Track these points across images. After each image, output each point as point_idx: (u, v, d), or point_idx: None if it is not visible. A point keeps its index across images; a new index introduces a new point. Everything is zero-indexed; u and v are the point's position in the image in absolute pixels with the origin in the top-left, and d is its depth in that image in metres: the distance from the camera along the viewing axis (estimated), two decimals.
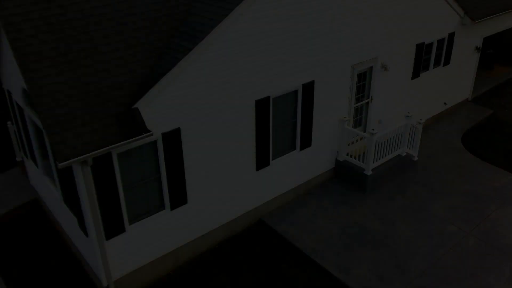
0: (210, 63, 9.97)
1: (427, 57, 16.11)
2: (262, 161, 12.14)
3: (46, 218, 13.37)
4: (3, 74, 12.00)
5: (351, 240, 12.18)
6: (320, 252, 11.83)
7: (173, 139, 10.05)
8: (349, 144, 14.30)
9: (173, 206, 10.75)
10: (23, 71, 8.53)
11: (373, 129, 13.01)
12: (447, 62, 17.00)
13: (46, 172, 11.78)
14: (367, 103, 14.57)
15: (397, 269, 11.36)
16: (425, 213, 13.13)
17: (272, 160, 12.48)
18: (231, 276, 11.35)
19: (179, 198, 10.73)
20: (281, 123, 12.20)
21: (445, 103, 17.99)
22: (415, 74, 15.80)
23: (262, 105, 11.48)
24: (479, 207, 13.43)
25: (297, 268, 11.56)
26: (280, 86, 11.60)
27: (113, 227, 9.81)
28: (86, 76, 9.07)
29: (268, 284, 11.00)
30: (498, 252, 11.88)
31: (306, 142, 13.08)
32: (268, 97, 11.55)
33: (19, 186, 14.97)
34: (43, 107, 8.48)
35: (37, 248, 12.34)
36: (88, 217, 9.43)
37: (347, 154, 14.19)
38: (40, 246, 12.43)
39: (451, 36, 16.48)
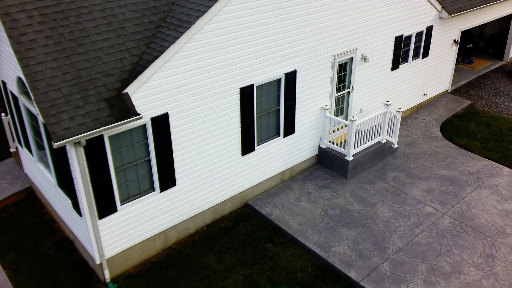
0: (195, 51, 10.59)
1: (406, 49, 16.80)
2: (247, 147, 12.76)
3: (40, 205, 13.91)
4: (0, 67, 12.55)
5: (333, 221, 12.83)
6: (303, 232, 12.45)
7: (161, 123, 10.64)
8: (331, 132, 14.96)
9: (163, 188, 11.34)
10: (19, 58, 9.10)
11: (353, 116, 13.65)
12: (425, 54, 17.70)
13: (40, 159, 12.33)
14: (348, 92, 15.23)
15: (376, 246, 12.01)
16: (404, 196, 13.79)
17: (257, 146, 13.09)
18: (218, 255, 11.95)
19: (168, 180, 11.32)
20: (265, 110, 12.84)
21: (424, 94, 18.70)
22: (395, 66, 16.48)
23: (246, 93, 12.11)
24: (455, 190, 14.12)
25: (281, 247, 12.17)
26: (264, 74, 12.24)
27: (105, 207, 10.38)
28: (79, 63, 9.65)
29: (253, 262, 11.61)
30: (472, 231, 12.57)
31: (290, 129, 13.70)
32: (252, 85, 12.17)
33: (13, 176, 15.50)
34: (39, 91, 9.05)
35: (31, 232, 12.89)
36: (82, 197, 10.00)
37: (330, 141, 14.85)
38: (34, 230, 12.97)
39: (429, 29, 17.20)
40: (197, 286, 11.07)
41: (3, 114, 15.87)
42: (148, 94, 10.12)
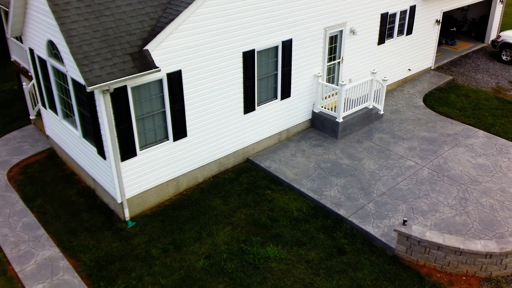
0: (205, 16, 12.25)
1: (391, 26, 18.54)
2: (249, 106, 14.45)
3: (61, 162, 15.51)
4: (26, 34, 14.14)
5: (325, 172, 14.55)
6: (298, 181, 14.17)
7: (175, 79, 12.33)
8: (323, 98, 16.68)
9: (176, 138, 13.02)
10: (56, 17, 10.73)
11: (342, 81, 15.38)
12: (409, 31, 19.45)
13: (65, 116, 13.95)
14: (339, 63, 16.96)
15: (362, 191, 13.75)
16: (388, 152, 15.54)
17: (257, 106, 14.78)
18: (224, 199, 13.64)
19: (180, 131, 13.00)
20: (264, 74, 14.51)
21: (409, 69, 20.44)
22: (381, 41, 18.22)
23: (248, 57, 13.80)
24: (434, 148, 15.88)
25: (279, 193, 13.88)
26: (263, 41, 13.92)
27: (127, 150, 12.05)
28: (106, 23, 11.30)
29: (255, 204, 13.30)
30: (448, 180, 14.32)
31: (286, 93, 15.41)
32: (253, 50, 13.87)
33: (34, 139, 17.13)
34: (74, 45, 10.72)
35: (55, 184, 14.49)
36: (107, 141, 11.66)
37: (322, 107, 16.56)
38: (57, 182, 14.58)
39: (413, 8, 18.94)
40: (206, 222, 12.74)
41: (24, 83, 17.45)
42: (164, 52, 11.79)
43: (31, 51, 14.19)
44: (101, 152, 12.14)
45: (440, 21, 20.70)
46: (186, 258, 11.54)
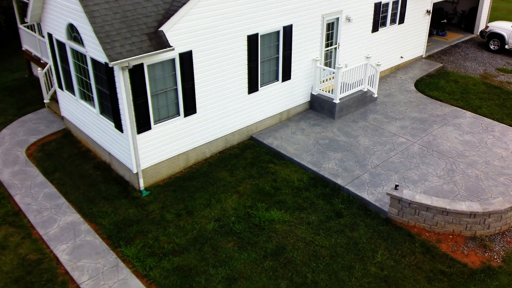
0: (213, 1, 13.36)
1: (384, 15, 19.75)
2: (252, 86, 15.63)
3: (76, 141, 16.58)
4: (45, 20, 15.26)
5: (323, 147, 15.75)
6: (298, 155, 15.36)
7: (187, 58, 13.49)
8: (321, 82, 17.88)
9: (186, 114, 14.18)
10: (80, 0, 11.88)
11: (339, 64, 16.58)
12: (401, 21, 20.68)
13: (82, 96, 15.07)
14: (335, 48, 18.16)
15: (358, 164, 14.95)
16: (381, 131, 16.76)
17: (260, 87, 15.95)
18: (230, 172, 14.81)
19: (190, 107, 14.16)
20: (267, 57, 15.65)
21: (401, 57, 21.67)
22: (375, 29, 19.44)
23: (252, 40, 14.98)
24: (424, 127, 17.11)
25: (281, 166, 15.07)
26: (266, 26, 15.08)
27: (142, 124, 13.20)
28: (125, 6, 12.45)
29: (259, 176, 14.46)
30: (436, 154, 15.54)
31: (287, 75, 16.60)
32: (257, 34, 15.04)
33: (49, 121, 18.24)
34: (96, 25, 11.86)
35: (71, 159, 15.56)
36: (125, 115, 12.80)
37: (320, 89, 17.76)
38: (74, 158, 15.64)
39: None
40: (215, 191, 13.92)
41: (39, 69, 18.56)
42: (177, 33, 12.95)
43: (50, 35, 15.29)
44: (119, 126, 13.27)
45: (431, 12, 21.92)
46: (197, 221, 12.69)
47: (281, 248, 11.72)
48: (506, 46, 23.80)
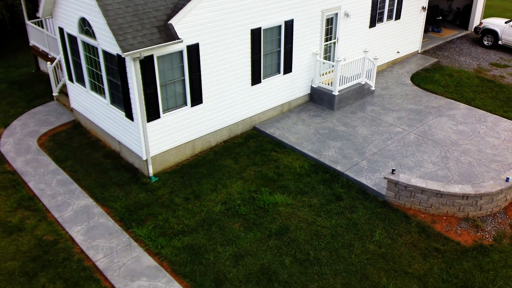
0: None
1: (381, 11, 20.50)
2: (255, 78, 16.36)
3: (86, 131, 17.26)
4: (57, 14, 15.95)
5: (323, 136, 16.50)
6: (300, 144, 16.10)
7: (194, 51, 14.21)
8: (321, 75, 18.63)
9: (193, 104, 14.90)
10: None
11: (338, 57, 17.33)
12: (398, 17, 21.43)
13: (92, 87, 15.77)
14: (334, 43, 18.91)
15: (356, 151, 15.70)
16: (379, 121, 17.52)
17: (263, 79, 16.69)
18: (235, 159, 15.54)
19: (197, 97, 14.88)
20: (269, 51, 16.37)
21: (398, 52, 22.43)
22: (372, 24, 20.20)
23: (255, 34, 15.71)
24: (420, 117, 17.87)
25: (283, 154, 15.81)
26: (268, 20, 15.80)
27: (152, 112, 13.91)
28: (136, 0, 13.17)
29: (262, 163, 15.17)
30: (431, 143, 16.30)
31: (288, 68, 17.34)
32: (260, 28, 15.78)
33: (58, 113, 18.94)
34: (110, 18, 12.58)
35: (82, 148, 16.20)
36: (136, 104, 13.52)
37: (320, 82, 18.51)
38: (84, 147, 16.30)
39: None
40: (221, 177, 14.65)
41: (48, 63, 19.26)
42: (185, 27, 13.67)
43: (61, 29, 16.00)
44: (129, 115, 13.99)
45: (426, 8, 22.68)
46: (205, 204, 13.43)
47: (284, 228, 12.45)
48: (500, 42, 24.60)
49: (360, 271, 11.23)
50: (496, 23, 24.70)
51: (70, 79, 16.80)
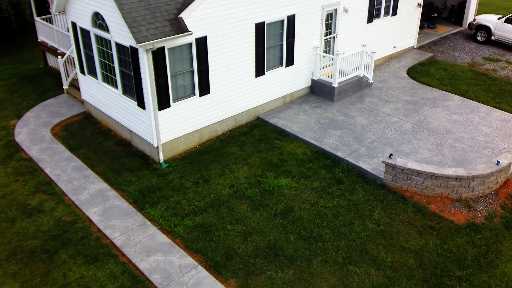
0: None
1: (378, 7, 21.39)
2: (259, 70, 17.22)
3: (97, 122, 18.06)
4: (70, 10, 16.78)
5: (324, 126, 17.37)
6: (302, 132, 16.97)
7: (202, 43, 15.05)
8: (321, 68, 19.50)
9: (201, 94, 15.75)
10: None
11: (338, 51, 18.22)
12: (394, 13, 22.32)
13: (104, 78, 16.59)
14: (334, 37, 19.80)
15: (355, 139, 16.58)
16: (376, 112, 18.40)
17: (266, 71, 17.55)
18: (240, 147, 16.39)
19: (205, 88, 15.73)
20: (272, 44, 17.20)
21: (394, 47, 23.33)
22: (370, 20, 21.08)
23: (259, 27, 16.57)
24: (415, 108, 18.77)
25: (286, 142, 16.68)
26: (272, 15, 16.64)
27: (163, 101, 14.74)
28: None
29: (266, 150, 16.00)
30: (427, 131, 17.19)
31: (290, 61, 18.21)
32: (264, 22, 16.63)
33: (69, 105, 19.75)
34: (125, 11, 13.42)
35: (94, 137, 16.97)
36: (148, 93, 14.36)
37: (320, 75, 19.38)
38: (96, 136, 17.07)
39: None
40: (228, 163, 15.50)
41: (59, 57, 20.08)
42: (194, 20, 14.51)
43: (74, 24, 16.83)
44: (141, 104, 14.84)
45: (421, 5, 23.57)
46: (214, 187, 14.29)
47: (289, 208, 13.33)
48: (492, 37, 25.53)
49: (360, 246, 12.09)
50: (489, 19, 25.63)
51: (82, 71, 17.61)
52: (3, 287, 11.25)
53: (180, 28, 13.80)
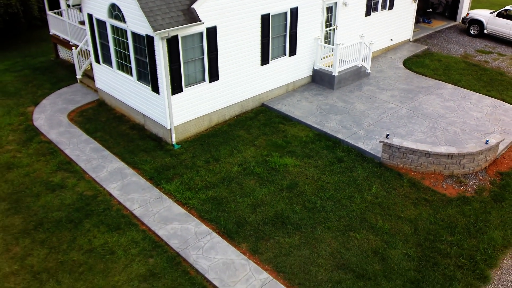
0: None
1: (376, 1, 22.58)
2: (264, 59, 18.40)
3: (110, 108, 19.14)
4: (86, 2, 17.92)
5: (325, 111, 18.57)
6: (304, 117, 18.14)
7: (212, 32, 16.23)
8: (322, 58, 20.70)
9: (210, 80, 16.91)
10: None
11: (338, 41, 19.42)
12: (391, 7, 23.52)
13: (119, 66, 17.72)
14: (334, 29, 20.99)
15: (355, 123, 17.78)
16: (374, 99, 19.61)
17: (270, 60, 18.73)
18: (247, 130, 17.57)
19: (214, 74, 16.90)
20: (276, 35, 18.32)
21: (391, 39, 24.53)
22: (368, 13, 22.27)
23: (265, 19, 17.75)
24: (411, 95, 19.97)
25: (290, 126, 17.86)
26: (276, 7, 17.79)
27: (176, 86, 15.91)
28: None
29: (271, 133, 17.12)
30: (421, 116, 18.39)
31: (293, 51, 19.39)
32: (269, 14, 17.80)
33: (83, 93, 20.87)
34: (142, 2, 14.58)
35: (109, 122, 18.01)
36: (162, 78, 15.51)
37: (321, 65, 20.57)
38: (111, 121, 18.12)
39: None
40: (236, 145, 16.67)
41: (73, 48, 21.21)
42: (205, 11, 15.68)
43: (90, 15, 17.98)
44: (155, 89, 15.99)
45: None
46: (224, 166, 15.46)
47: (294, 184, 14.51)
48: (485, 31, 26.77)
49: (360, 216, 13.28)
50: (482, 13, 26.87)
51: (97, 60, 18.74)
52: (32, 253, 12.35)
53: (193, 17, 14.95)
